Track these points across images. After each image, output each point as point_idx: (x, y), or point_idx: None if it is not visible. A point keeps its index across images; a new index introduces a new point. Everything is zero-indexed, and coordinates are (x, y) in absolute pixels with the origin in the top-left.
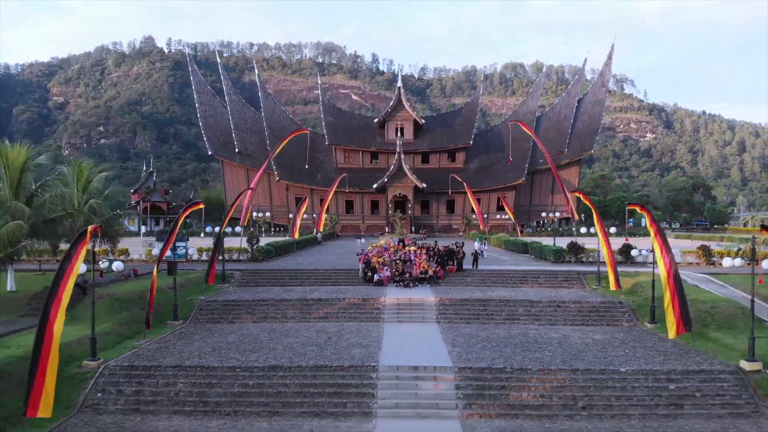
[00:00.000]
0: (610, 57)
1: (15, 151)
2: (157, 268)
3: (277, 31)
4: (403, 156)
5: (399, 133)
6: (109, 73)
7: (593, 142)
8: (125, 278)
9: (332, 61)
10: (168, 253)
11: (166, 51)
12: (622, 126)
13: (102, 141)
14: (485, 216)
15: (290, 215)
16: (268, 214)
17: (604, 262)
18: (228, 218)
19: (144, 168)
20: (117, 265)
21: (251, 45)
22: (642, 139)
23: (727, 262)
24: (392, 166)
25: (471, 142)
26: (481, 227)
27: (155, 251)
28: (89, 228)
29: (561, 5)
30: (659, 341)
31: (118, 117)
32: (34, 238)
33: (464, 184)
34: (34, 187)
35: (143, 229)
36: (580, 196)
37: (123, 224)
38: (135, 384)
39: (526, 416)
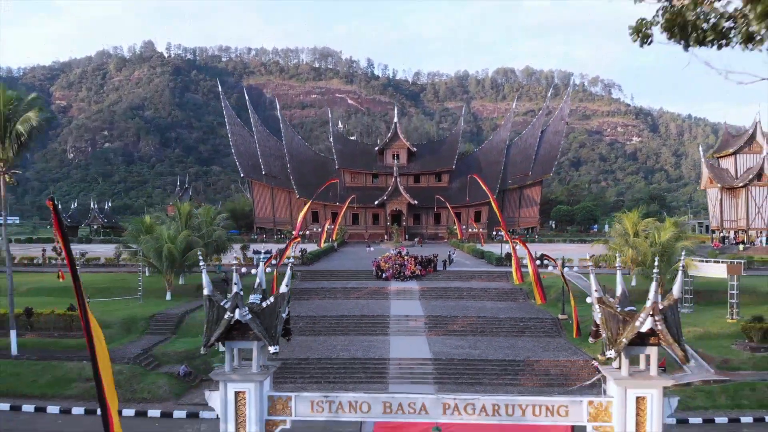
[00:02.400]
0: (568, 95)
1: (184, 205)
2: (277, 270)
3: (276, 32)
4: (398, 178)
5: (395, 159)
6: (111, 77)
7: (552, 167)
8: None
9: (328, 66)
10: (255, 259)
11: (166, 55)
12: (609, 130)
13: (106, 145)
14: (464, 227)
15: (315, 228)
16: (308, 232)
17: (522, 266)
18: (296, 236)
19: (178, 184)
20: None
21: (249, 50)
22: (628, 143)
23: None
24: (390, 186)
25: (453, 166)
26: (460, 236)
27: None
28: (273, 253)
29: (559, 5)
30: (531, 307)
31: (121, 121)
32: None
33: (446, 203)
34: (196, 225)
35: None
36: (504, 231)
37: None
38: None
39: (454, 335)
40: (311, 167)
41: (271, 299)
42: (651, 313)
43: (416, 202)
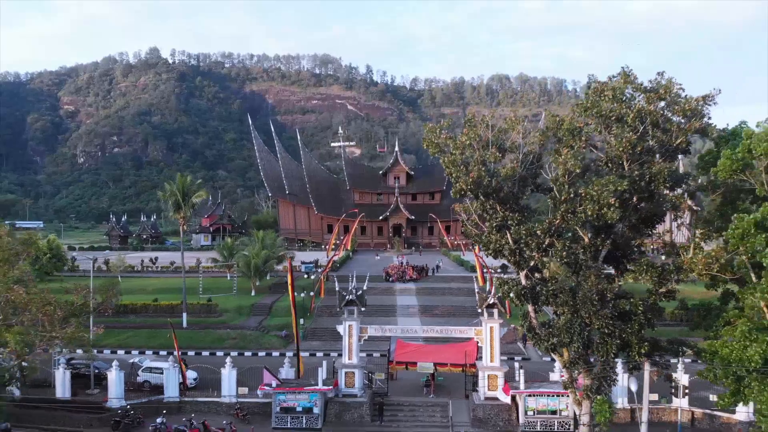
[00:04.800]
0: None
1: (260, 233)
2: (325, 274)
3: (273, 31)
4: (399, 197)
5: (396, 181)
6: (117, 83)
7: None
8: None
9: (329, 72)
10: (303, 267)
11: (171, 62)
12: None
13: (116, 150)
14: (452, 238)
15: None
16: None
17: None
18: (335, 254)
19: (210, 199)
20: (312, 276)
21: (251, 56)
22: None
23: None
24: (392, 204)
25: (444, 187)
26: (450, 246)
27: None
28: (326, 264)
29: (554, 7)
30: None
31: (130, 127)
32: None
33: (437, 218)
34: (269, 244)
35: None
36: (476, 251)
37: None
38: (328, 310)
39: (436, 317)
40: (326, 186)
41: (360, 291)
42: (493, 295)
43: (413, 217)
